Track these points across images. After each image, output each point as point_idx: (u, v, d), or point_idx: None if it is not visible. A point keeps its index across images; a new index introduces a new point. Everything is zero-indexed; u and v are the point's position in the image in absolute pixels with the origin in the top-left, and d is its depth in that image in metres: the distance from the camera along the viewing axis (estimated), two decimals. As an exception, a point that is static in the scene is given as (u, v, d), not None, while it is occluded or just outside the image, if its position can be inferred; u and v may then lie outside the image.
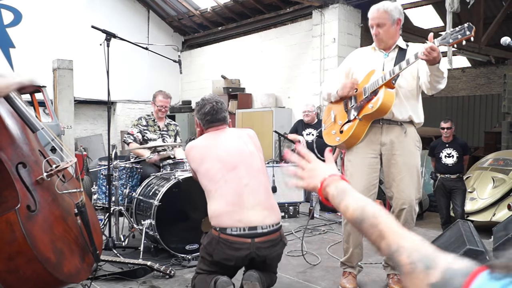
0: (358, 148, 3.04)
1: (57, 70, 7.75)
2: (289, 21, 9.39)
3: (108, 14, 10.33)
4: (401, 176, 2.96)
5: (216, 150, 2.67)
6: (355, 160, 3.05)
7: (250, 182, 2.56)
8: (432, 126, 11.51)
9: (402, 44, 3.02)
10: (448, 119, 6.30)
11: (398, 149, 2.98)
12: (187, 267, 3.50)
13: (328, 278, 3.32)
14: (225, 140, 2.73)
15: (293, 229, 4.80)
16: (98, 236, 2.67)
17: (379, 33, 2.96)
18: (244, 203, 2.51)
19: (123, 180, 4.12)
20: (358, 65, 3.13)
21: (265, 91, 9.44)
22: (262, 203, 2.54)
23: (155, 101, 4.71)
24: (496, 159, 7.59)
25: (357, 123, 2.97)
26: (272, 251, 2.53)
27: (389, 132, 3.00)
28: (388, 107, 2.86)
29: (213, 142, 2.73)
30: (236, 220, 2.48)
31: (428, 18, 12.19)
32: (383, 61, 3.01)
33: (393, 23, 2.95)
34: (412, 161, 2.99)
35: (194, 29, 11.60)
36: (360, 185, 2.95)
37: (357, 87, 3.04)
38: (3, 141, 2.18)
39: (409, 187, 2.96)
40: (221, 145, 2.70)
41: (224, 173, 2.58)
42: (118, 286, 3.11)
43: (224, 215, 2.51)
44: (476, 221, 6.48)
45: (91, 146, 10.11)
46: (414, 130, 3.07)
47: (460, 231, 2.67)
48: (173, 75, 11.20)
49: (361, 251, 3.15)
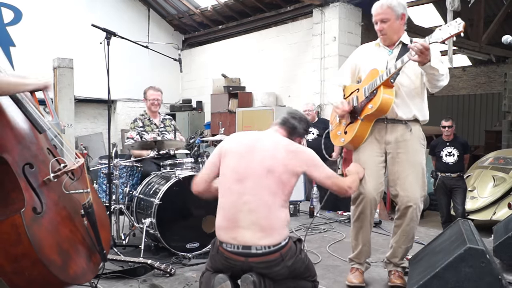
0: (364, 147, 3.06)
1: (57, 69, 7.75)
2: (290, 20, 9.38)
3: (109, 13, 10.33)
4: (406, 174, 2.97)
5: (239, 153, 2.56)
6: (361, 159, 3.06)
7: (251, 200, 2.42)
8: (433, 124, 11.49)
9: (406, 40, 2.98)
10: (449, 118, 6.30)
11: (403, 147, 2.98)
12: (187, 266, 3.50)
13: (329, 277, 3.32)
14: (256, 146, 2.57)
15: (293, 227, 4.81)
16: (106, 232, 2.67)
17: (383, 28, 2.95)
18: (239, 221, 2.41)
19: (123, 179, 4.13)
20: (363, 62, 3.12)
21: (265, 89, 9.44)
22: (259, 223, 2.39)
23: (147, 96, 4.73)
24: (496, 157, 7.59)
25: (360, 123, 2.99)
26: (270, 271, 2.40)
27: (393, 131, 3.01)
28: (388, 105, 2.86)
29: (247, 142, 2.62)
30: (230, 237, 2.42)
31: (429, 16, 12.17)
32: (387, 58, 3.00)
33: (397, 18, 2.94)
34: (416, 159, 3.00)
35: (195, 27, 11.60)
36: (368, 184, 2.98)
37: (359, 87, 3.06)
38: (10, 142, 2.17)
39: (413, 185, 2.96)
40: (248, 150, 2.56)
41: (232, 183, 2.49)
42: (119, 284, 3.12)
43: (221, 229, 2.47)
44: (477, 220, 6.49)
45: (92, 145, 10.12)
46: (419, 128, 3.07)
47: (460, 230, 2.67)
48: (174, 73, 11.20)
49: (369, 249, 3.16)
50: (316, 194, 5.73)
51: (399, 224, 3.05)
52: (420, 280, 2.42)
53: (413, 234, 3.10)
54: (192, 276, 3.27)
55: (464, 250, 2.31)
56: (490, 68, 15.03)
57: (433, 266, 2.46)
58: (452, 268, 2.32)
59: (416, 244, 4.14)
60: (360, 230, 3.10)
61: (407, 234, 3.04)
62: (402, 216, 3.01)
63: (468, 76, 15.75)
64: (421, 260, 2.87)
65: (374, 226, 4.83)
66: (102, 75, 3.92)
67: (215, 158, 2.63)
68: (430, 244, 3.07)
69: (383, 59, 3.01)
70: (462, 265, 2.30)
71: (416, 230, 3.12)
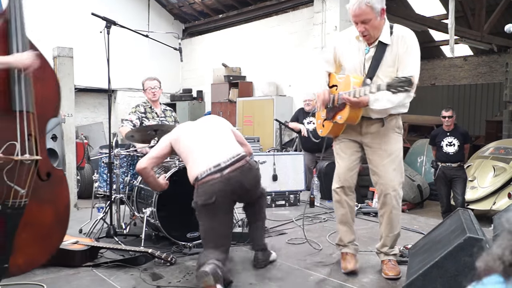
0: (342, 135, 3.22)
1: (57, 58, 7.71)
2: (290, 9, 9.33)
3: (108, 1, 10.25)
4: (383, 163, 3.05)
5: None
6: (340, 143, 3.25)
7: (206, 139, 3.18)
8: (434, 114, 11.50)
9: (384, 38, 2.92)
10: (449, 108, 6.28)
11: (378, 138, 3.07)
12: (188, 255, 3.52)
13: (329, 266, 3.34)
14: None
15: (293, 217, 4.82)
16: (41, 253, 2.44)
17: (366, 29, 2.87)
18: (204, 152, 3.07)
19: (124, 168, 4.13)
20: (343, 54, 3.13)
21: (266, 79, 9.41)
22: (218, 146, 3.12)
23: (145, 86, 4.71)
24: (497, 148, 7.59)
25: (332, 125, 3.17)
26: (246, 177, 3.01)
27: (369, 126, 3.09)
28: (355, 119, 3.00)
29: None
30: (202, 169, 2.96)
31: (431, 5, 12.11)
32: (363, 59, 2.99)
33: (378, 15, 2.84)
34: (393, 147, 3.07)
35: (195, 16, 11.54)
36: (343, 165, 3.19)
37: (337, 85, 3.12)
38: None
39: (391, 173, 3.03)
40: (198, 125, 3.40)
41: (194, 140, 3.20)
42: (120, 273, 3.14)
43: (193, 169, 3.03)
44: (477, 210, 6.50)
45: (92, 134, 10.12)
46: (395, 118, 3.09)
47: (460, 219, 2.68)
48: (174, 63, 11.16)
49: (351, 229, 3.25)
50: (316, 183, 5.74)
51: (383, 213, 3.12)
52: (420, 269, 2.44)
53: (398, 221, 3.14)
54: (193, 265, 3.28)
55: (464, 239, 2.32)
56: (491, 58, 14.96)
57: (433, 255, 2.47)
58: (451, 257, 2.33)
59: (416, 234, 4.16)
60: (336, 210, 3.27)
61: (392, 222, 3.10)
62: (384, 204, 3.08)
63: (469, 65, 15.69)
64: (421, 249, 2.88)
65: (374, 216, 4.85)
66: (103, 64, 3.90)
67: (166, 143, 3.29)
68: (430, 234, 3.08)
69: (361, 58, 3.01)
70: (462, 254, 2.31)
71: (400, 217, 3.18)
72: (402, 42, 2.90)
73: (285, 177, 5.62)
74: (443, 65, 16.18)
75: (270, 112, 8.70)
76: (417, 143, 9.83)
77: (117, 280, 3.00)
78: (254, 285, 2.95)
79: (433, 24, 9.85)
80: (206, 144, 3.15)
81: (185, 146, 3.20)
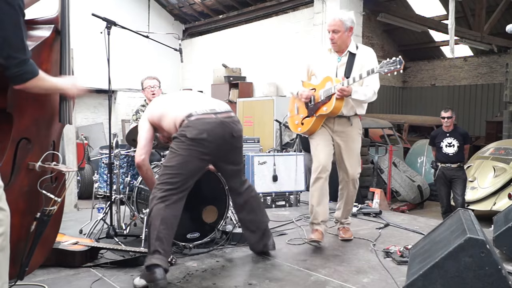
0: (318, 132, 3.80)
1: (57, 59, 7.72)
2: (291, 9, 9.34)
3: (109, 2, 10.27)
4: (347, 156, 3.82)
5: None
6: (317, 137, 3.80)
7: (191, 96, 3.39)
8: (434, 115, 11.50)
9: (352, 49, 3.69)
10: (448, 108, 6.29)
11: (345, 137, 3.79)
12: (188, 255, 3.52)
13: (329, 266, 3.34)
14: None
15: (293, 217, 4.82)
16: (41, 254, 2.46)
17: (334, 38, 3.61)
18: (192, 102, 3.12)
19: (124, 169, 4.13)
20: (316, 65, 3.82)
21: (266, 80, 9.42)
22: (208, 99, 3.33)
23: (144, 85, 4.70)
24: (497, 148, 7.59)
25: (315, 119, 3.73)
26: (236, 126, 3.11)
27: (339, 124, 3.77)
28: (339, 109, 3.60)
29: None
30: (195, 109, 2.97)
31: (431, 6, 12.12)
32: (336, 65, 3.71)
33: (346, 30, 3.60)
34: (356, 146, 3.86)
35: (195, 17, 11.55)
36: (323, 154, 3.71)
37: (315, 87, 3.73)
38: (29, 112, 2.09)
39: (353, 165, 3.85)
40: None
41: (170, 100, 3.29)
42: (120, 273, 3.14)
43: (181, 112, 2.99)
44: (477, 210, 6.50)
45: (92, 135, 10.13)
46: (358, 120, 3.85)
47: (460, 220, 2.68)
48: (174, 63, 11.17)
49: (325, 209, 3.74)
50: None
51: (343, 193, 3.96)
52: (420, 270, 2.43)
53: (353, 200, 4.02)
54: (193, 265, 3.29)
55: (464, 240, 2.32)
56: (491, 58, 14.98)
57: (433, 255, 2.47)
58: (452, 258, 2.33)
59: (416, 234, 4.16)
60: (316, 193, 3.71)
61: (351, 199, 3.97)
62: (345, 187, 3.93)
63: (470, 66, 15.70)
64: (421, 249, 2.88)
65: (374, 216, 4.86)
66: (103, 65, 3.90)
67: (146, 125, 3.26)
68: (430, 234, 3.08)
69: (333, 65, 3.71)
70: (462, 255, 2.31)
71: (355, 197, 3.99)
72: (365, 54, 3.73)
73: (285, 177, 5.62)
74: (443, 66, 16.20)
75: (270, 113, 8.71)
76: (417, 144, 9.84)
77: (117, 281, 3.00)
78: (254, 285, 2.95)
79: (433, 24, 9.86)
80: (191, 98, 3.27)
81: (162, 108, 3.19)
